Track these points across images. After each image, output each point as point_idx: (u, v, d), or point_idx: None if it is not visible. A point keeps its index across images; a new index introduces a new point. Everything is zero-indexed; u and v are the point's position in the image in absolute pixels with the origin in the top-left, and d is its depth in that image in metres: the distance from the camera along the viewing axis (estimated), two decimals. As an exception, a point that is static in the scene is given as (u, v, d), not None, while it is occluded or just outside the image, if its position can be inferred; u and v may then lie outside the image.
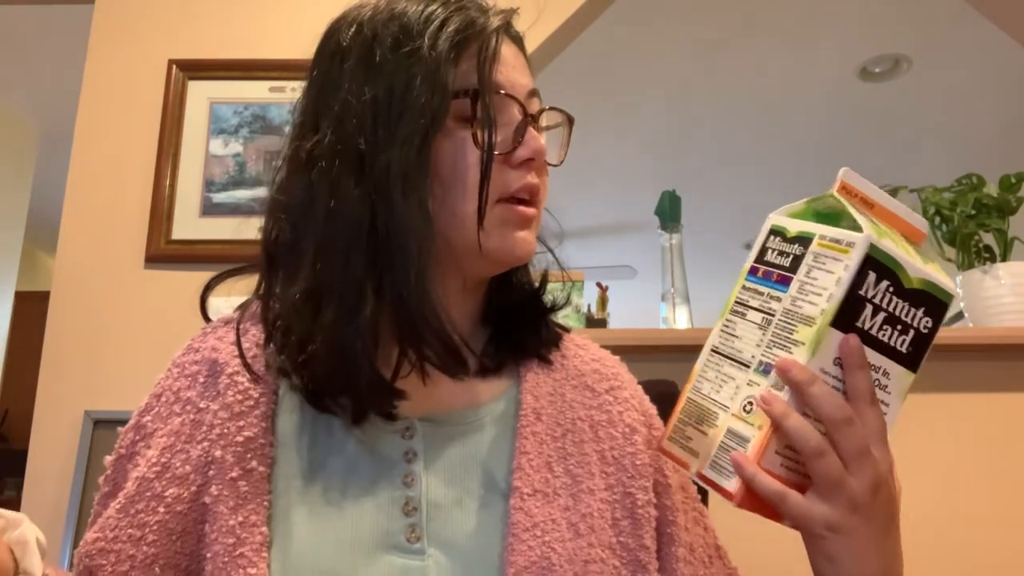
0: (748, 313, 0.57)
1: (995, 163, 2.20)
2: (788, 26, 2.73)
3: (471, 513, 0.59)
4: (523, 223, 0.62)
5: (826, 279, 0.54)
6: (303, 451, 0.60)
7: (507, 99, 0.62)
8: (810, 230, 0.56)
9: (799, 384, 0.51)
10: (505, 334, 0.69)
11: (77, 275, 1.74)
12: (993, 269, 1.65)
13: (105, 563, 0.58)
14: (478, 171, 0.59)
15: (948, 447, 1.60)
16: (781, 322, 0.55)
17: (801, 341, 0.53)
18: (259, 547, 0.55)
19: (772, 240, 0.59)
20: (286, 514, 0.57)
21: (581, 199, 3.96)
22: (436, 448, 0.61)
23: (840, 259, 0.53)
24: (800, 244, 0.56)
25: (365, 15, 0.64)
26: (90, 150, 1.82)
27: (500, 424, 0.64)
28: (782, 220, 0.59)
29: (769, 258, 0.58)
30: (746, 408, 0.54)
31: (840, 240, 0.54)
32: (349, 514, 0.58)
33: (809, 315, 0.53)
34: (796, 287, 0.55)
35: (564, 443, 0.63)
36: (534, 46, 1.87)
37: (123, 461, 0.64)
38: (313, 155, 0.61)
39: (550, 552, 0.57)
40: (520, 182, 0.61)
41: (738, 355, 0.56)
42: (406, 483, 0.59)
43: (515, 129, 0.61)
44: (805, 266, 0.55)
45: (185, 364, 0.66)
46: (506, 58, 0.64)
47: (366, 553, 0.56)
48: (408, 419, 0.62)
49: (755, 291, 0.58)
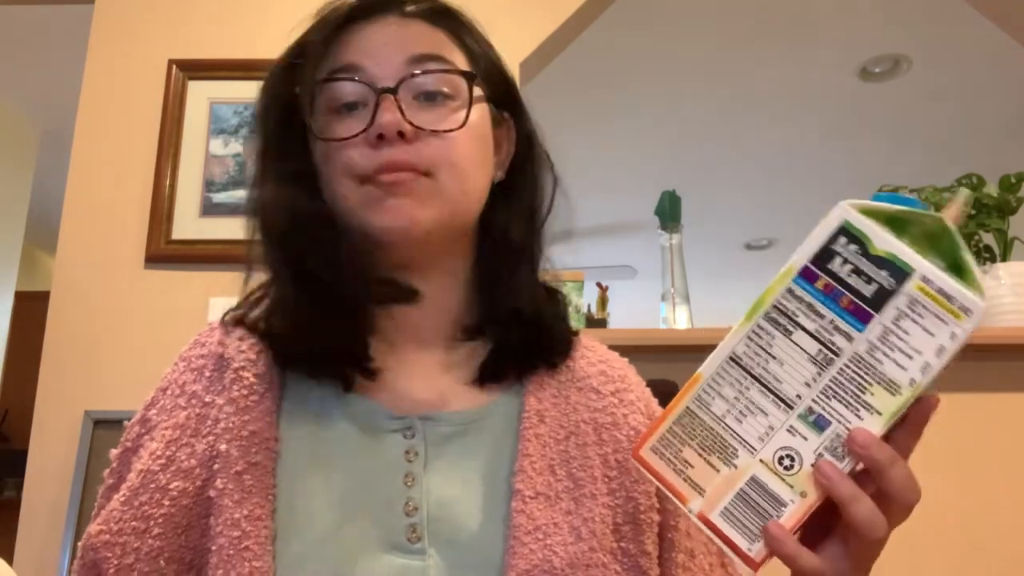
0: (796, 333, 0.46)
1: (995, 163, 2.20)
2: (788, 26, 2.73)
3: (472, 514, 0.59)
4: (390, 192, 0.61)
5: (923, 341, 0.44)
6: (307, 446, 0.60)
7: (359, 84, 0.62)
8: (907, 260, 0.45)
9: (879, 465, 0.44)
10: (506, 348, 0.67)
11: (77, 275, 1.74)
12: (993, 269, 1.65)
13: (110, 555, 0.58)
14: (331, 159, 0.62)
15: (948, 447, 1.60)
16: (850, 371, 0.45)
17: (877, 409, 0.44)
18: (264, 540, 0.55)
19: (844, 245, 0.46)
20: (290, 508, 0.57)
21: (581, 199, 3.94)
22: (437, 448, 0.61)
23: (947, 323, 0.44)
24: (890, 272, 0.45)
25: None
26: (90, 150, 1.82)
27: (503, 425, 0.64)
28: (863, 222, 0.47)
29: (837, 270, 0.46)
30: (784, 462, 0.45)
31: (953, 297, 0.44)
32: (350, 512, 0.58)
33: (894, 380, 0.44)
34: (878, 333, 0.45)
35: (567, 446, 0.63)
36: (534, 46, 1.87)
37: (128, 454, 0.64)
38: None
39: (551, 556, 0.57)
40: (378, 160, 0.61)
41: (775, 385, 0.46)
42: (407, 483, 0.59)
43: (371, 108, 0.61)
44: (894, 309, 0.45)
45: (191, 358, 0.66)
46: (372, 37, 0.64)
47: (367, 552, 0.56)
48: (409, 418, 0.62)
49: (808, 306, 0.46)
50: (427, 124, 0.61)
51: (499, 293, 0.67)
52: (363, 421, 0.62)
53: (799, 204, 4.06)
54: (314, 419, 0.62)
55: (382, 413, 0.62)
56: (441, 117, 0.62)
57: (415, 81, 0.62)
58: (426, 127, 0.61)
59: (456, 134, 0.62)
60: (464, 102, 0.63)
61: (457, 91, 0.64)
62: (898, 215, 0.46)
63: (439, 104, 0.63)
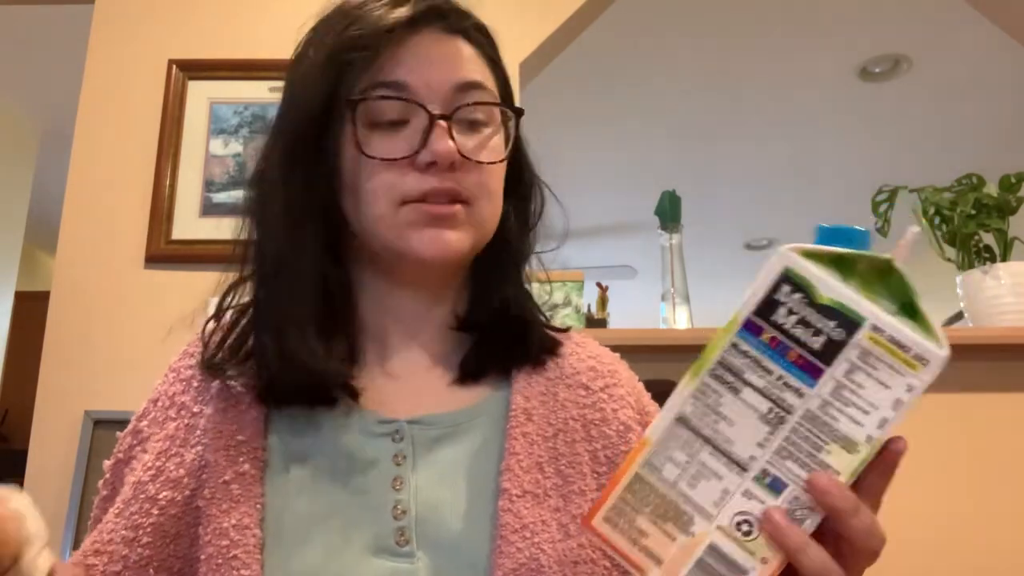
0: (744, 391, 0.43)
1: (995, 163, 2.20)
2: (788, 26, 2.73)
3: (460, 516, 0.59)
4: (433, 221, 0.60)
5: (879, 395, 0.41)
6: (294, 454, 0.60)
7: (410, 104, 0.61)
8: (856, 308, 0.42)
9: (841, 513, 0.42)
10: (487, 343, 0.67)
11: (77, 275, 1.74)
12: (993, 269, 1.65)
13: (97, 563, 0.58)
14: (371, 176, 0.61)
15: (948, 447, 1.60)
16: (804, 430, 0.42)
17: (835, 468, 0.42)
18: (252, 549, 0.55)
19: (788, 294, 0.43)
20: (279, 516, 0.57)
21: (581, 199, 3.96)
22: (425, 451, 0.61)
23: (903, 374, 0.41)
24: (839, 323, 0.42)
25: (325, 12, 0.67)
26: (90, 150, 1.82)
27: (490, 425, 0.63)
28: (806, 268, 0.43)
29: (782, 321, 0.43)
30: (742, 528, 0.43)
31: (907, 347, 0.41)
32: (339, 517, 0.57)
33: (850, 437, 0.41)
34: (830, 388, 0.42)
35: (556, 443, 0.63)
36: (534, 46, 1.87)
37: (120, 466, 0.65)
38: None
39: (539, 554, 0.56)
40: (425, 186, 0.60)
41: (726, 447, 0.43)
42: (395, 487, 0.59)
43: (421, 132, 0.60)
44: (846, 362, 0.42)
45: (180, 369, 0.67)
46: (420, 54, 0.62)
47: (356, 557, 0.56)
48: (397, 422, 0.62)
49: (755, 361, 0.43)
50: (473, 154, 0.62)
51: (488, 290, 0.68)
52: (351, 426, 0.61)
53: (799, 204, 4.06)
54: (302, 426, 0.62)
55: (370, 417, 0.62)
56: (481, 146, 0.63)
57: (464, 110, 0.62)
58: (472, 157, 0.62)
59: (496, 165, 0.64)
60: (496, 128, 0.65)
61: (492, 118, 0.65)
62: (844, 256, 0.43)
63: (477, 131, 0.63)
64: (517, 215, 0.70)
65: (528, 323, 0.68)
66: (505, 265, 0.68)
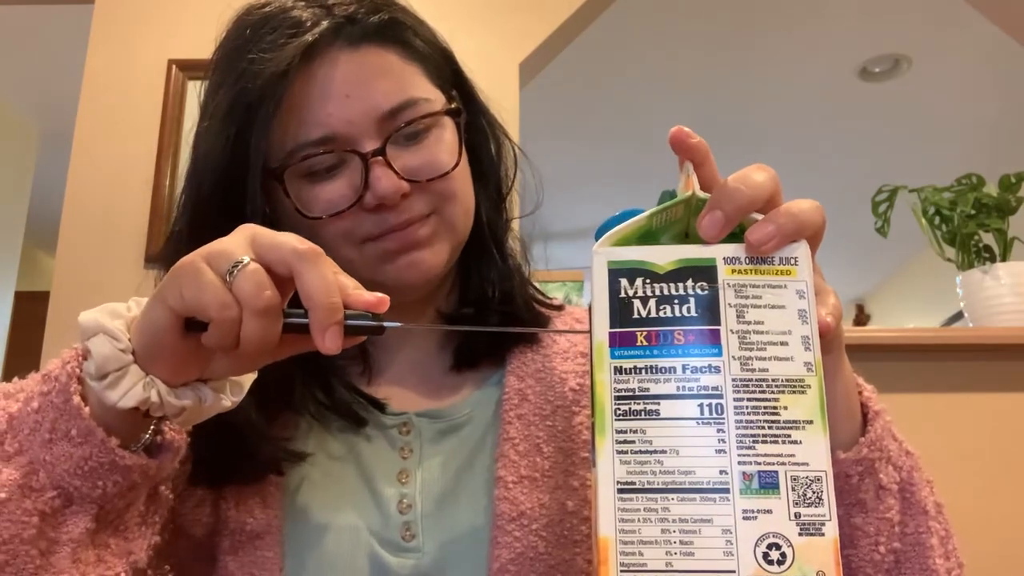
0: (662, 408, 0.37)
1: (995, 163, 2.19)
2: (788, 26, 2.73)
3: (464, 508, 0.59)
4: (403, 248, 0.58)
5: (782, 319, 0.37)
6: (303, 447, 0.60)
7: (332, 153, 0.56)
8: (697, 255, 0.39)
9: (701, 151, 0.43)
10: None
11: (77, 275, 1.74)
12: (993, 269, 1.65)
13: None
14: (324, 227, 0.57)
15: (948, 447, 1.60)
16: (746, 401, 0.37)
17: (802, 419, 0.36)
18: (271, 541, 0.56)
19: (629, 285, 0.39)
20: (289, 509, 0.58)
21: (581, 199, 3.96)
22: (430, 444, 0.61)
23: (785, 285, 0.38)
24: (694, 278, 0.38)
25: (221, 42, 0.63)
26: (90, 150, 1.82)
27: (489, 412, 0.63)
28: (627, 252, 0.39)
29: (644, 312, 0.38)
30: (771, 557, 0.35)
31: (770, 259, 0.38)
32: (346, 512, 0.58)
33: (791, 376, 0.37)
34: (736, 343, 0.37)
35: (554, 420, 0.61)
36: (534, 46, 1.87)
37: None
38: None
39: (537, 541, 0.56)
40: (383, 225, 0.57)
41: (690, 479, 0.36)
42: (401, 480, 0.59)
43: (360, 172, 0.56)
44: (728, 308, 0.38)
45: None
46: (331, 91, 0.56)
47: (363, 551, 0.56)
48: (405, 415, 0.62)
49: (650, 369, 0.37)
50: (422, 174, 0.58)
51: (474, 277, 0.66)
52: (360, 418, 0.62)
53: (799, 204, 4.05)
54: (309, 420, 0.62)
55: (379, 409, 0.62)
56: (431, 158, 0.58)
57: (398, 135, 0.57)
58: (422, 177, 0.58)
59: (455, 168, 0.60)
60: (443, 126, 0.60)
61: (435, 119, 0.59)
62: (649, 221, 0.41)
63: (421, 142, 0.59)
64: (490, 192, 0.67)
65: (515, 301, 0.66)
66: (486, 245, 0.66)
